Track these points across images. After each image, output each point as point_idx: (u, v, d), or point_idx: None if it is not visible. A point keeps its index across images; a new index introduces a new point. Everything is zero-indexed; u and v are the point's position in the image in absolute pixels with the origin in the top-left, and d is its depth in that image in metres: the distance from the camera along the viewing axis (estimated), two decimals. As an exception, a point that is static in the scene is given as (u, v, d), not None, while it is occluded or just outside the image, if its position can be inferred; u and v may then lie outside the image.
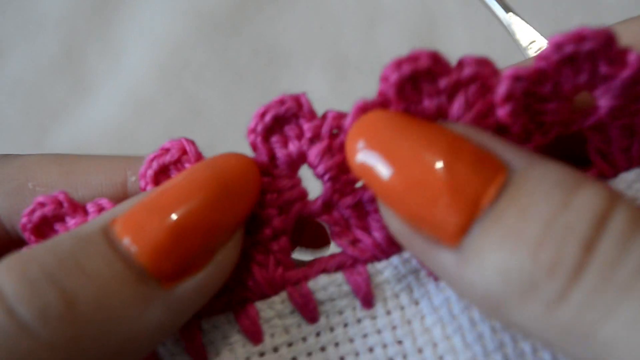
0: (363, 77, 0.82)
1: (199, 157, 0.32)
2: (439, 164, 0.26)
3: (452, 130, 0.28)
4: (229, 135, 0.78)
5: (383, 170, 0.27)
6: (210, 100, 0.83)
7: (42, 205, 0.32)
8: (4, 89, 0.84)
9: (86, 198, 0.35)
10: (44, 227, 0.33)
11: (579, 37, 0.27)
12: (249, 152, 0.33)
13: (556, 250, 0.25)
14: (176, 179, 0.29)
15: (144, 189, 0.32)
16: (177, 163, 0.32)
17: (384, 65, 0.31)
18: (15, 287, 0.25)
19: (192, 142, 0.32)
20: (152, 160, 0.32)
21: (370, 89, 0.34)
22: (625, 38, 0.29)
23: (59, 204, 0.32)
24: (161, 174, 0.32)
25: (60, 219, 0.32)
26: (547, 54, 0.28)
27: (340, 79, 0.83)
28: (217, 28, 0.86)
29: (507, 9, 0.34)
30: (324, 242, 0.38)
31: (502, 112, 0.29)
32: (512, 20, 0.38)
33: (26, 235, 0.33)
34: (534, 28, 0.48)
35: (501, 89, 0.29)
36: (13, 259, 0.26)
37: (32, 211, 0.32)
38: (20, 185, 0.36)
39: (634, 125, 0.31)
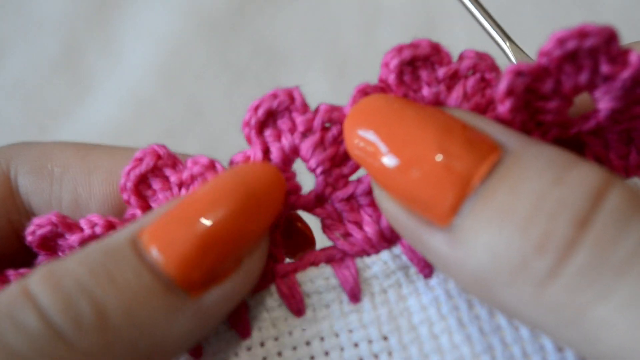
0: (363, 77, 0.82)
1: (174, 160, 0.32)
2: (432, 144, 0.27)
3: (447, 112, 0.28)
4: (229, 135, 0.78)
5: (378, 151, 0.28)
6: (210, 100, 0.83)
7: (40, 226, 0.33)
8: (4, 89, 0.84)
9: (100, 180, 0.36)
10: (49, 243, 0.33)
11: (581, 33, 0.27)
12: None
13: (547, 226, 0.24)
14: (202, 188, 0.29)
15: (128, 202, 0.33)
16: (155, 170, 0.32)
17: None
18: (51, 298, 0.26)
19: (164, 146, 0.33)
20: (128, 172, 0.33)
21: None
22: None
23: (54, 225, 0.32)
24: (141, 184, 0.33)
25: (60, 235, 0.33)
26: (549, 49, 0.28)
27: (340, 79, 0.83)
28: (217, 28, 0.86)
29: (506, 38, 0.35)
30: (306, 247, 0.38)
31: (502, 107, 0.29)
32: (512, 50, 0.38)
33: (34, 249, 0.33)
34: (532, 45, 0.48)
35: (502, 84, 0.29)
36: (47, 271, 0.27)
37: (33, 232, 0.33)
38: (40, 166, 0.37)
39: (632, 131, 0.31)
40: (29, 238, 0.33)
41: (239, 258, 0.29)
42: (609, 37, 0.27)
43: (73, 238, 0.32)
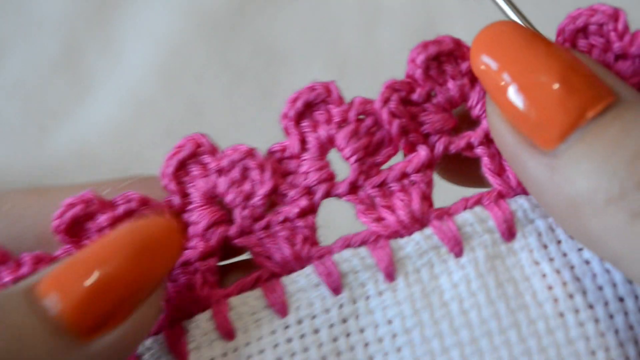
0: (363, 77, 0.82)
1: (213, 148, 0.34)
2: (555, 74, 0.29)
3: (574, 52, 0.30)
4: (229, 135, 0.77)
5: (501, 74, 0.30)
6: (210, 100, 0.83)
7: (71, 205, 0.33)
8: (4, 89, 0.83)
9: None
10: (76, 228, 0.33)
11: (591, 10, 0.31)
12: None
13: None
14: (100, 240, 0.30)
15: (166, 188, 0.34)
16: (194, 157, 0.34)
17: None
18: None
19: (205, 135, 0.34)
20: (169, 159, 0.34)
21: (370, 89, 0.35)
22: None
23: (88, 202, 0.33)
24: (180, 171, 0.34)
25: (91, 217, 0.33)
26: (563, 26, 0.32)
27: (340, 79, 0.82)
28: (217, 28, 0.86)
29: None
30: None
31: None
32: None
33: (59, 237, 0.33)
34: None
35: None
36: None
37: (62, 213, 0.33)
38: None
39: None
40: (56, 222, 0.33)
41: (130, 306, 0.30)
42: (614, 14, 0.31)
43: (103, 218, 0.33)
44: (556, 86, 0.28)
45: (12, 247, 0.34)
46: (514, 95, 0.29)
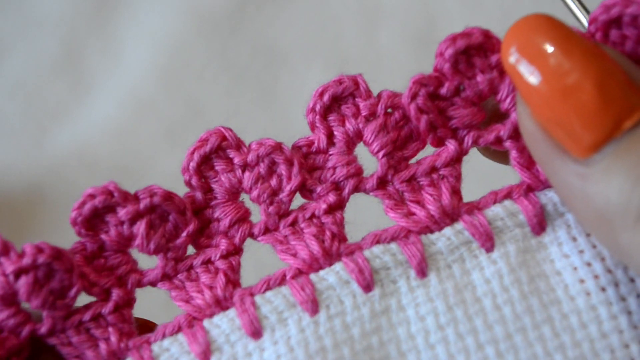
0: (363, 76, 0.82)
1: (239, 142, 0.33)
2: (593, 79, 0.28)
3: (609, 53, 0.29)
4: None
5: (533, 74, 0.28)
6: (210, 100, 0.83)
7: (92, 197, 0.32)
8: (4, 89, 0.83)
9: None
10: (95, 220, 0.32)
11: (626, 1, 0.30)
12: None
13: None
14: None
15: (189, 183, 0.33)
16: (219, 151, 0.33)
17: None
18: None
19: (230, 129, 0.33)
20: (192, 152, 0.33)
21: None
22: None
23: (110, 193, 0.32)
24: (204, 165, 0.33)
25: (111, 210, 0.32)
26: (596, 15, 0.31)
27: (340, 79, 0.83)
28: (217, 28, 0.86)
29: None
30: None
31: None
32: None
33: (76, 229, 0.32)
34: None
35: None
36: None
37: (82, 204, 0.32)
38: None
39: None
40: (75, 213, 0.32)
41: None
42: None
43: (124, 212, 0.32)
44: (593, 91, 0.27)
45: None
46: (547, 97, 0.28)
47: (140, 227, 0.32)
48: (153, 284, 0.33)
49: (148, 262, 0.34)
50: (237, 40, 0.85)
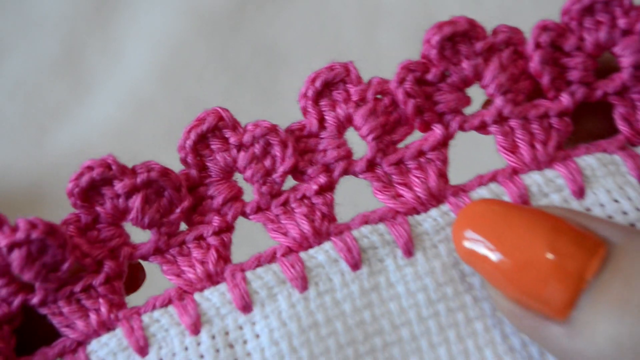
0: (363, 77, 0.82)
1: (235, 122, 0.34)
2: (543, 245, 0.28)
3: (550, 213, 0.30)
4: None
5: (491, 254, 0.29)
6: (210, 100, 0.83)
7: (90, 169, 0.32)
8: (4, 89, 0.84)
9: None
10: (91, 192, 0.33)
11: None
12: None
13: None
14: None
15: (184, 161, 0.34)
16: (216, 130, 0.34)
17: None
18: None
19: (227, 110, 0.34)
20: (189, 130, 0.33)
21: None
22: None
23: (108, 166, 0.32)
24: (200, 144, 0.33)
25: (108, 182, 0.33)
26: (569, 5, 0.32)
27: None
28: (217, 28, 0.86)
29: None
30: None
31: (532, 63, 0.33)
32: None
33: (72, 200, 0.33)
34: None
35: (531, 38, 0.33)
36: None
37: (80, 175, 0.32)
38: None
39: None
40: (72, 184, 0.32)
41: None
42: None
43: (120, 185, 0.32)
44: (548, 256, 0.28)
45: None
46: (510, 275, 0.29)
47: (136, 201, 0.33)
48: (145, 257, 0.34)
49: (142, 237, 0.34)
50: (237, 40, 0.85)
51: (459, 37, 0.34)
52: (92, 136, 0.82)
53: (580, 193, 0.33)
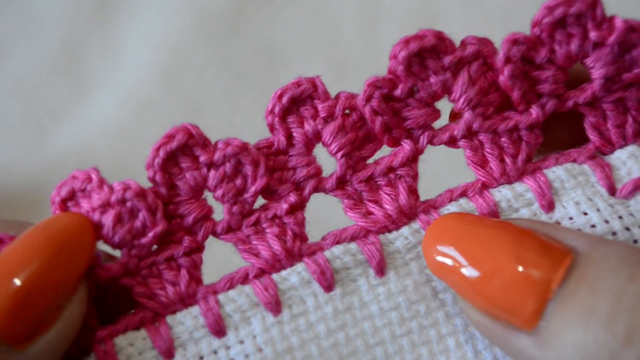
0: (363, 77, 0.82)
1: (205, 140, 0.33)
2: (509, 256, 0.29)
3: (516, 224, 0.30)
4: (229, 135, 0.77)
5: (460, 266, 0.30)
6: (210, 100, 0.83)
7: (74, 178, 0.33)
8: (4, 89, 0.84)
9: None
10: (71, 202, 0.33)
11: (567, 0, 0.31)
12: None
13: (630, 320, 0.26)
14: (12, 245, 0.30)
15: (153, 179, 0.33)
16: (185, 148, 0.33)
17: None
18: None
19: (196, 126, 0.33)
20: (157, 148, 0.33)
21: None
22: None
23: (88, 179, 0.32)
24: (169, 162, 0.33)
25: (87, 195, 0.33)
26: (539, 17, 0.32)
27: (340, 79, 0.83)
28: (217, 28, 0.86)
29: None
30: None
31: (502, 77, 0.33)
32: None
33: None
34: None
35: (501, 53, 0.32)
36: None
37: (64, 184, 0.33)
38: None
39: (626, 100, 0.33)
40: (55, 192, 0.33)
41: (57, 307, 0.30)
42: (593, 2, 0.31)
43: (96, 198, 0.32)
44: (514, 267, 0.28)
45: None
46: (479, 287, 0.29)
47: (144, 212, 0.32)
48: (116, 279, 0.33)
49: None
50: (237, 40, 0.85)
51: (426, 52, 0.33)
52: (92, 136, 0.82)
53: (549, 207, 0.33)
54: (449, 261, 0.30)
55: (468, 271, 0.30)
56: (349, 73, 0.83)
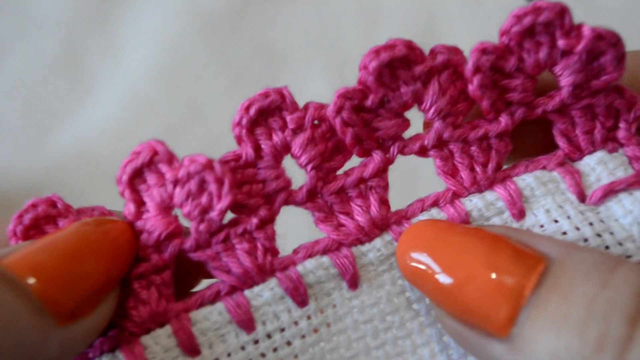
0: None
1: (171, 156, 0.32)
2: (482, 262, 0.29)
3: (490, 231, 0.30)
4: (229, 135, 0.77)
5: (433, 273, 0.30)
6: (210, 100, 0.83)
7: (34, 206, 0.32)
8: (4, 89, 0.84)
9: None
10: (33, 231, 0.32)
11: (536, 9, 0.31)
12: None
13: (602, 327, 0.26)
14: (69, 229, 0.31)
15: (122, 195, 0.33)
16: (151, 165, 0.32)
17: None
18: None
19: (162, 143, 0.33)
20: (125, 165, 0.33)
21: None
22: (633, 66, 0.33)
23: (53, 204, 0.32)
24: (137, 178, 0.33)
25: (52, 220, 0.32)
26: (508, 26, 0.32)
27: (340, 79, 0.83)
28: (217, 28, 0.86)
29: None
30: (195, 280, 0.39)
31: (471, 86, 0.32)
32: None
33: (13, 241, 0.32)
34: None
35: (470, 62, 0.32)
36: None
37: (24, 213, 0.32)
38: None
39: (594, 107, 0.34)
40: (14, 223, 0.32)
41: (99, 297, 0.30)
42: (561, 11, 0.31)
43: (64, 223, 0.32)
44: (487, 274, 0.28)
45: None
46: (452, 293, 0.29)
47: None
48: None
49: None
50: (237, 40, 0.85)
51: (397, 62, 0.32)
52: (92, 136, 0.82)
53: (520, 215, 0.33)
54: (422, 268, 0.30)
55: (442, 278, 0.29)
56: (349, 73, 0.83)
